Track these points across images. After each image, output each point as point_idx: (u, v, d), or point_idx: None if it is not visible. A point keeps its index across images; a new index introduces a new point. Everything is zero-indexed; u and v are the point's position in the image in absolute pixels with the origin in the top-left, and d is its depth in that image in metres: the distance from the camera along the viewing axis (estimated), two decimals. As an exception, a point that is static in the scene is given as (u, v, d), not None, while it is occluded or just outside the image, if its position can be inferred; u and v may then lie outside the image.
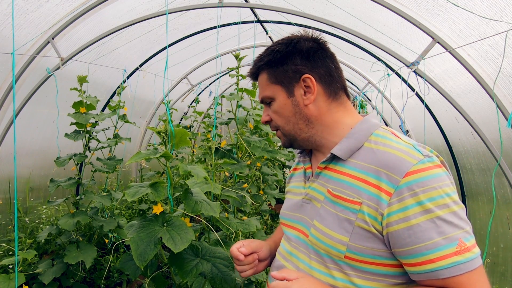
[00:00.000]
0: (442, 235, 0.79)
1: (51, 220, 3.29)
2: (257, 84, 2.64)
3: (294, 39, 1.02)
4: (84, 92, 2.49)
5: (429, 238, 0.79)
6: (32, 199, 3.39)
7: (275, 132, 1.11)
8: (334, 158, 0.99)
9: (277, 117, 1.05)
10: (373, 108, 4.93)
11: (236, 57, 2.20)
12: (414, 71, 2.44)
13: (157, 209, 1.36)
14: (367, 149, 0.94)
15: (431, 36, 2.29)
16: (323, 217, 0.95)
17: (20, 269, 2.08)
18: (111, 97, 4.10)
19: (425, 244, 0.80)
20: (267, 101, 1.07)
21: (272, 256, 1.22)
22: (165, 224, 1.35)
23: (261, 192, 2.86)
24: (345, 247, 0.88)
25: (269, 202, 3.19)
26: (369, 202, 0.86)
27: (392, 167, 0.85)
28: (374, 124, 0.99)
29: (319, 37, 1.04)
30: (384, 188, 0.85)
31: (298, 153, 1.20)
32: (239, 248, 1.13)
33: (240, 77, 2.19)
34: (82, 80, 2.44)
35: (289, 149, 4.64)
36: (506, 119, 2.12)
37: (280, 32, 4.56)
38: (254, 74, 1.09)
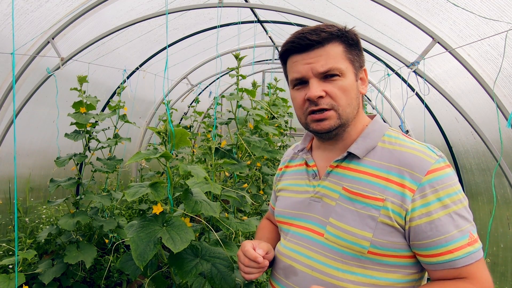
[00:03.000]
0: (457, 228, 0.87)
1: (51, 220, 3.29)
2: (257, 84, 2.64)
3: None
4: (84, 92, 2.49)
5: (447, 231, 0.87)
6: (32, 199, 3.40)
7: (324, 110, 0.96)
8: (347, 157, 1.01)
9: (342, 95, 0.96)
10: (373, 108, 4.94)
11: (236, 57, 2.20)
12: (414, 71, 2.44)
13: (157, 209, 1.36)
14: (382, 149, 0.98)
15: (431, 36, 2.29)
16: (341, 215, 0.96)
17: (20, 269, 2.08)
18: (111, 97, 4.10)
19: (445, 236, 0.87)
20: (333, 73, 0.95)
21: None
22: (165, 224, 1.35)
23: (261, 192, 2.86)
24: (368, 243, 0.91)
25: (269, 202, 3.19)
26: (393, 199, 0.90)
27: (414, 166, 0.91)
28: (384, 125, 1.04)
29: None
30: (407, 185, 0.90)
31: (298, 150, 1.18)
32: (254, 248, 1.05)
33: (240, 77, 2.19)
34: (82, 80, 2.44)
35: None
36: (506, 119, 2.12)
37: (280, 32, 4.56)
38: (324, 40, 0.95)
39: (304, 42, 0.95)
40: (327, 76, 0.96)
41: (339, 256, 0.95)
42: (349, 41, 0.98)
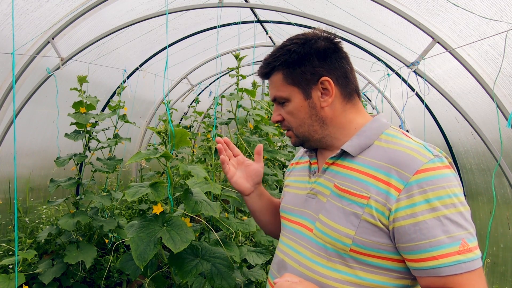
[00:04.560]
0: (446, 233, 0.81)
1: (51, 220, 3.29)
2: (257, 84, 2.64)
3: (311, 39, 1.00)
4: (84, 92, 2.49)
5: (433, 236, 0.81)
6: (32, 199, 3.39)
7: (285, 131, 1.10)
8: (342, 154, 1.00)
9: (291, 118, 1.04)
10: (373, 108, 4.93)
11: (236, 57, 2.20)
12: (414, 71, 2.44)
13: (157, 209, 1.36)
14: (377, 147, 0.95)
15: (431, 36, 2.28)
16: (329, 211, 0.96)
17: (20, 269, 2.08)
18: (111, 97, 4.10)
19: (430, 241, 0.81)
20: (280, 101, 1.05)
21: (272, 211, 1.29)
22: (165, 224, 1.35)
23: (261, 192, 2.85)
24: (350, 240, 0.89)
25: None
26: (377, 197, 0.88)
27: (403, 165, 0.87)
28: (385, 123, 1.01)
29: (334, 37, 1.02)
30: (393, 184, 0.86)
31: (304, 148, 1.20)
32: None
33: (240, 77, 2.19)
34: (82, 80, 2.44)
35: (289, 149, 4.64)
36: (506, 119, 2.12)
37: (280, 32, 4.56)
38: (267, 74, 1.05)
39: (260, 73, 1.08)
40: (279, 102, 1.06)
41: (324, 253, 0.95)
42: (288, 64, 1.00)
